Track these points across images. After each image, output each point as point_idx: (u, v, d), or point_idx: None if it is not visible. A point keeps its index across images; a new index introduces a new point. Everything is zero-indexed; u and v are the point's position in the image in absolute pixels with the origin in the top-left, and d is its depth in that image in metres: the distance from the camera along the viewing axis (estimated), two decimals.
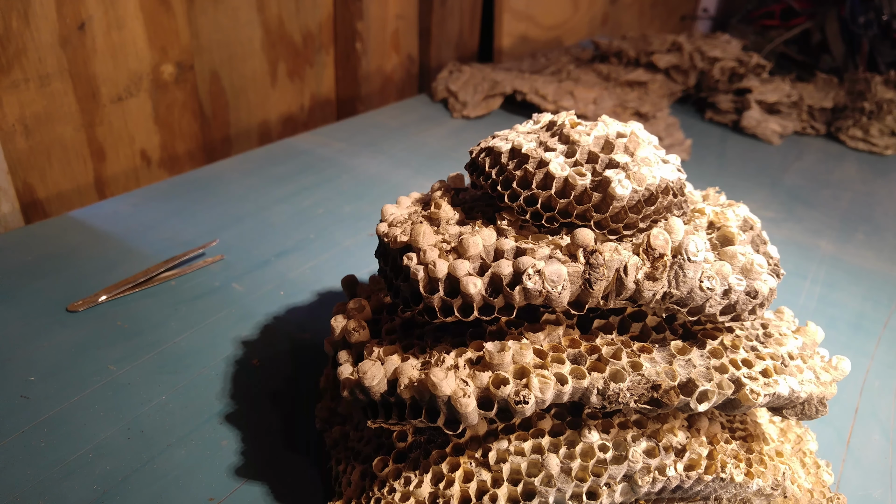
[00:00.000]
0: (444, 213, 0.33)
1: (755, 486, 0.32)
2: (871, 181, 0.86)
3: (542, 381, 0.29)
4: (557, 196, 0.31)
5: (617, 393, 0.29)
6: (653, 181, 0.31)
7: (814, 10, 1.26)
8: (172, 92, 0.75)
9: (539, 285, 0.28)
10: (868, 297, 0.60)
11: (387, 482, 0.32)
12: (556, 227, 0.31)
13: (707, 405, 0.30)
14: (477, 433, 0.32)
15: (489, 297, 0.29)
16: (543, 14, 1.25)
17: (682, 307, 0.30)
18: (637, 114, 0.92)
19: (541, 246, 0.30)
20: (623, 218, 0.31)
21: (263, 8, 0.82)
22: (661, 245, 0.30)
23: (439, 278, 0.30)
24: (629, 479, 0.31)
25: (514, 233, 0.31)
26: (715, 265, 0.31)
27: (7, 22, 0.58)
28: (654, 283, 0.29)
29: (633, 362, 0.30)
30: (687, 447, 0.32)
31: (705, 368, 0.31)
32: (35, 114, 0.63)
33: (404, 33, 1.03)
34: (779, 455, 0.34)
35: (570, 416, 0.32)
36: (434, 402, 0.29)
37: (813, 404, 0.32)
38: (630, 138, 0.32)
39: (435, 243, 0.31)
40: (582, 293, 0.30)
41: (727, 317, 0.31)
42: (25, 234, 0.59)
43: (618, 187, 0.30)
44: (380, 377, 0.30)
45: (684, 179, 0.33)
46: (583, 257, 0.29)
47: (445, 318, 0.30)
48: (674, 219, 0.31)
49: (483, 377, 0.29)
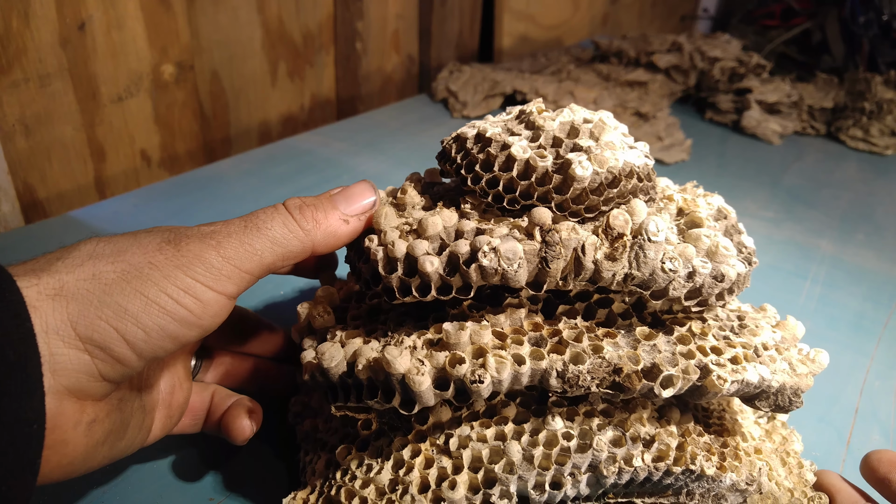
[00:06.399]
0: (410, 198, 0.33)
1: (728, 480, 0.31)
2: (871, 181, 0.86)
3: (499, 360, 0.28)
4: (519, 178, 0.31)
5: (577, 375, 0.28)
6: (615, 164, 0.30)
7: (814, 10, 1.26)
8: (173, 92, 0.75)
9: (495, 263, 0.28)
10: (868, 297, 0.60)
11: (349, 469, 0.32)
12: (518, 209, 0.31)
13: (672, 391, 0.29)
14: (440, 420, 0.32)
15: (447, 276, 0.29)
16: (543, 14, 1.25)
17: (644, 290, 0.30)
18: (637, 114, 0.92)
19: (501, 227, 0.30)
20: (584, 200, 0.30)
21: (263, 8, 0.82)
22: (620, 225, 0.29)
23: (398, 258, 0.30)
24: (594, 469, 0.30)
25: (477, 216, 0.31)
26: (678, 247, 0.30)
27: (7, 22, 0.58)
28: (614, 264, 0.29)
29: (595, 345, 0.30)
30: (656, 438, 0.31)
31: (671, 354, 0.30)
32: (35, 114, 0.63)
33: (404, 33, 1.03)
34: (757, 452, 0.33)
35: (535, 404, 0.32)
36: (389, 381, 0.28)
37: (786, 394, 0.31)
38: (596, 124, 0.32)
39: (397, 226, 0.31)
40: (539, 272, 0.29)
41: (693, 301, 0.30)
42: (25, 233, 0.59)
43: (578, 168, 0.30)
44: (339, 358, 0.30)
45: (652, 166, 0.33)
46: (539, 235, 0.29)
47: (404, 298, 0.30)
48: (636, 201, 0.31)
49: (439, 356, 0.28)
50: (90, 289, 0.25)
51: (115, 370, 0.26)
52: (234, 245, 0.28)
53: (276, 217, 0.30)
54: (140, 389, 0.31)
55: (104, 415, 0.27)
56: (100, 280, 0.26)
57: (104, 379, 0.26)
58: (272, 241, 0.29)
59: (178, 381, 0.34)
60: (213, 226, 0.29)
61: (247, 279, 0.29)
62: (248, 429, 0.34)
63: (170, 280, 0.27)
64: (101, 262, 0.26)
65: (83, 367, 0.25)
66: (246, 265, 0.29)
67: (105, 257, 0.26)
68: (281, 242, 0.30)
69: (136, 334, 0.26)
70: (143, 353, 0.27)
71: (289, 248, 0.30)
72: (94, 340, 0.25)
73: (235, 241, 0.28)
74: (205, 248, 0.28)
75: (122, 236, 0.28)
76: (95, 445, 0.27)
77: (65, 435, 0.26)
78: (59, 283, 0.25)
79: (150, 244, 0.27)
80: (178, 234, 0.28)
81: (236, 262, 0.28)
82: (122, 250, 0.27)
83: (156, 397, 0.32)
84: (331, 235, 0.31)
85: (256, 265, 0.29)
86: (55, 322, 0.25)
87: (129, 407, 0.30)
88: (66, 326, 0.25)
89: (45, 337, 0.24)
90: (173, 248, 0.27)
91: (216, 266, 0.28)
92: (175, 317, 0.27)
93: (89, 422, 0.27)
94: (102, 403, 0.27)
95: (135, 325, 0.26)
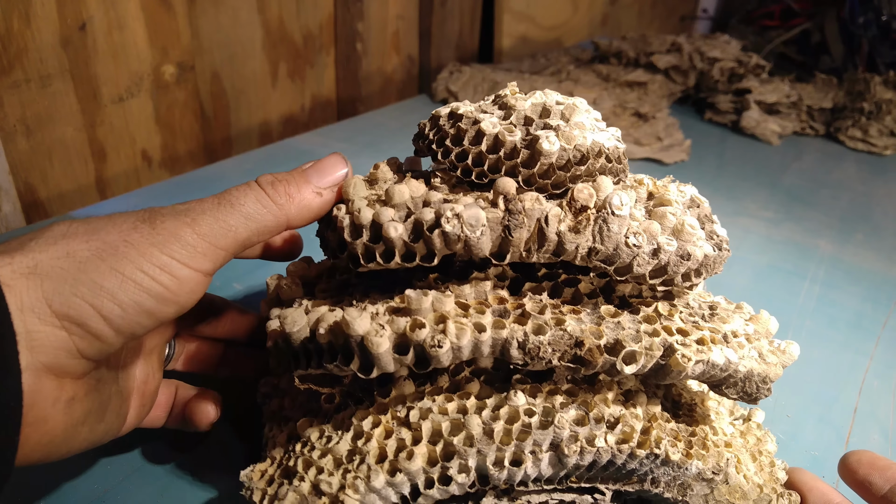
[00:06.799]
0: (382, 173, 0.33)
1: (694, 468, 0.30)
2: (870, 181, 0.86)
3: (459, 327, 0.28)
4: (488, 152, 0.31)
5: (538, 346, 0.28)
6: (583, 142, 0.31)
7: (813, 11, 1.26)
8: (173, 92, 0.76)
9: (457, 229, 0.28)
10: (867, 297, 0.60)
11: (308, 441, 0.32)
12: (486, 183, 0.32)
13: (634, 367, 0.29)
14: (403, 394, 0.32)
15: (411, 242, 0.29)
16: (543, 15, 1.25)
17: (608, 265, 0.30)
18: (636, 114, 0.92)
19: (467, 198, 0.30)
20: (551, 175, 0.31)
21: (264, 8, 0.82)
22: (584, 198, 0.29)
23: (364, 224, 0.30)
24: (556, 447, 0.29)
25: (446, 191, 0.32)
26: (643, 223, 0.30)
27: (8, 22, 0.58)
28: (577, 236, 0.29)
29: (558, 318, 0.30)
30: (620, 419, 0.30)
31: (635, 331, 0.30)
32: (36, 114, 0.63)
33: (405, 34, 1.03)
34: (727, 445, 0.33)
35: (499, 383, 0.32)
36: (348, 343, 0.28)
37: (754, 381, 0.31)
38: (567, 106, 0.32)
39: (366, 196, 0.31)
40: (503, 242, 0.29)
41: (658, 279, 0.30)
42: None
43: (545, 143, 0.30)
44: (301, 324, 0.30)
45: (623, 150, 0.33)
46: (502, 204, 0.29)
47: (368, 265, 0.30)
48: (602, 177, 0.31)
49: (400, 321, 0.28)
50: (65, 266, 0.26)
51: (93, 346, 0.26)
52: (209, 222, 0.29)
53: (248, 193, 0.30)
54: (117, 375, 0.31)
55: (83, 394, 0.28)
56: (74, 258, 0.26)
57: (82, 356, 0.26)
58: (246, 217, 0.30)
59: (151, 371, 0.34)
60: (188, 204, 0.29)
61: (222, 255, 0.29)
62: (213, 413, 0.36)
63: (146, 258, 0.27)
64: (74, 240, 0.26)
65: (61, 343, 0.25)
66: (221, 242, 0.29)
67: (79, 236, 0.26)
68: (255, 218, 0.30)
69: (113, 310, 0.26)
70: (120, 330, 0.27)
71: (263, 223, 0.30)
72: (71, 317, 0.25)
73: (210, 218, 0.29)
74: (180, 226, 0.28)
75: (95, 218, 0.28)
76: (75, 425, 0.27)
77: (44, 412, 0.26)
78: (33, 261, 0.25)
79: (125, 223, 0.27)
80: (152, 213, 0.28)
81: (211, 239, 0.29)
82: (97, 229, 0.27)
83: (131, 384, 0.33)
84: (305, 208, 0.31)
85: (231, 241, 0.29)
86: (30, 300, 0.25)
87: (107, 390, 0.30)
88: (41, 304, 0.25)
89: (21, 314, 0.25)
90: (148, 226, 0.28)
91: (191, 243, 0.28)
92: (151, 293, 0.27)
93: (68, 399, 0.27)
94: (81, 382, 0.27)
95: (111, 302, 0.26)
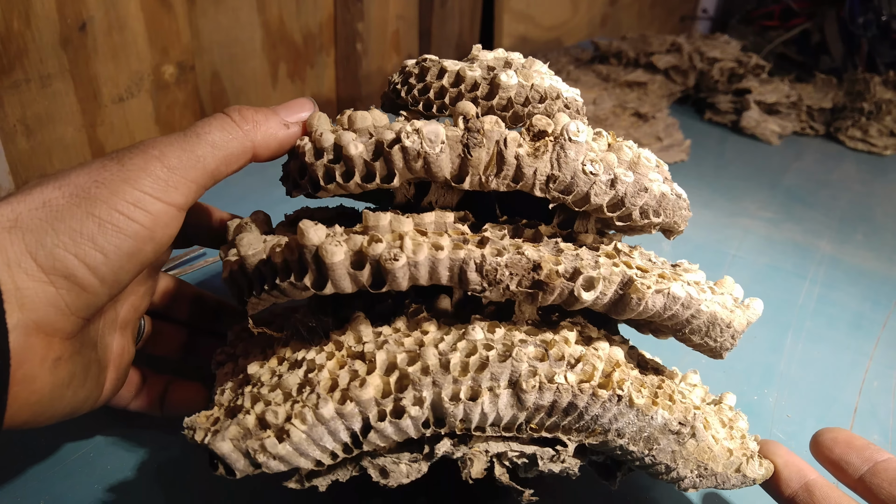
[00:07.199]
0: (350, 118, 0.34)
1: (660, 418, 0.30)
2: (870, 181, 0.86)
3: (416, 243, 0.28)
4: (450, 86, 0.33)
5: (495, 269, 0.28)
6: (541, 83, 0.32)
7: (813, 11, 1.26)
8: (173, 92, 0.76)
9: (417, 144, 0.29)
10: (867, 298, 0.60)
11: (258, 381, 0.31)
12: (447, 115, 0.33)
13: (593, 294, 0.29)
14: (359, 332, 0.31)
15: (371, 161, 0.30)
16: (543, 15, 1.25)
17: (566, 194, 0.30)
18: (636, 114, 0.92)
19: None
20: (510, 108, 0.32)
21: (264, 9, 0.82)
22: (542, 124, 0.30)
23: (325, 147, 0.30)
24: (514, 384, 0.29)
25: None
26: (600, 154, 0.30)
27: (8, 22, 0.58)
28: (535, 161, 0.30)
29: (516, 244, 0.30)
30: (581, 359, 0.30)
31: (594, 261, 0.30)
32: (36, 114, 0.63)
33: (405, 34, 1.03)
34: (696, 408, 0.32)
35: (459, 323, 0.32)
36: (303, 256, 0.28)
37: (718, 325, 0.31)
38: (528, 61, 0.34)
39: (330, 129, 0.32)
40: (462, 163, 0.30)
41: (617, 213, 0.31)
42: None
43: (503, 75, 0.32)
44: (257, 247, 0.30)
45: (582, 104, 0.35)
46: (462, 124, 0.30)
47: (327, 185, 0.30)
48: (560, 113, 0.31)
49: (357, 238, 0.28)
50: (42, 217, 0.26)
51: (81, 299, 0.27)
52: (177, 153, 0.29)
53: (213, 122, 0.31)
54: (96, 343, 0.31)
55: (68, 355, 0.28)
56: (50, 207, 0.26)
57: (71, 312, 0.27)
58: (212, 146, 0.30)
59: (126, 344, 0.34)
60: (154, 139, 0.30)
61: (193, 188, 0.29)
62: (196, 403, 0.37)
63: (118, 196, 0.27)
64: (48, 188, 0.27)
65: (49, 299, 0.26)
66: (190, 174, 0.29)
67: (51, 182, 0.27)
68: (221, 145, 0.30)
69: (96, 258, 0.26)
70: (105, 278, 0.27)
71: (229, 150, 0.30)
72: (56, 269, 0.26)
73: (177, 150, 0.29)
74: (149, 160, 0.28)
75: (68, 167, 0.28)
76: (61, 387, 0.28)
77: (33, 370, 0.26)
78: (14, 213, 0.26)
79: (94, 164, 0.28)
80: (120, 152, 0.29)
81: (180, 172, 0.29)
82: (68, 174, 0.27)
83: (109, 355, 0.33)
84: (270, 137, 0.32)
85: (200, 172, 0.30)
86: (15, 255, 0.25)
87: (88, 355, 0.30)
88: (26, 259, 0.25)
89: (8, 270, 0.25)
90: (116, 163, 0.28)
91: (162, 177, 0.28)
92: (129, 233, 0.27)
93: (55, 359, 0.27)
94: (67, 343, 0.28)
95: (93, 248, 0.26)
